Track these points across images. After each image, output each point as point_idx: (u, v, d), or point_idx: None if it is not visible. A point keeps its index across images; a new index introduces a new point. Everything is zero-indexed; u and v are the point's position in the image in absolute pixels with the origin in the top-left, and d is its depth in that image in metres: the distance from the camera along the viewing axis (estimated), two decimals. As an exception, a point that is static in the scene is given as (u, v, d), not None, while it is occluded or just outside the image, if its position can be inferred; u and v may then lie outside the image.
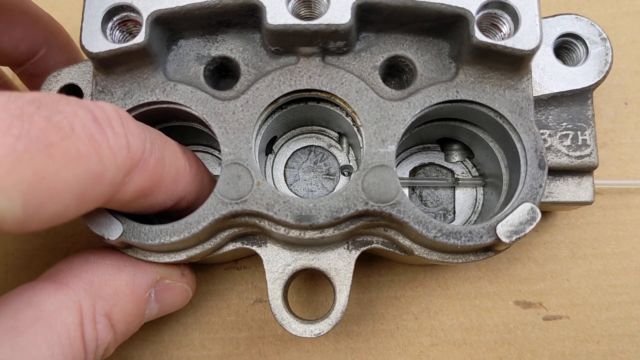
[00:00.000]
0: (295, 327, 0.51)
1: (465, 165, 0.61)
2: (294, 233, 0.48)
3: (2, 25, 0.52)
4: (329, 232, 0.48)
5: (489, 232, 0.47)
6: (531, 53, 0.46)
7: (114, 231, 0.47)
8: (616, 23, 0.68)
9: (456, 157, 0.59)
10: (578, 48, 0.55)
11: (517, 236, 0.46)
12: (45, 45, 0.56)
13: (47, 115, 0.35)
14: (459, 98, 0.49)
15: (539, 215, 0.46)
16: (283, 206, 0.47)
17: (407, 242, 0.50)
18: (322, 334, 0.50)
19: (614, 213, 0.65)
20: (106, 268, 0.48)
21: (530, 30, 0.45)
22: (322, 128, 0.59)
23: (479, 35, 0.45)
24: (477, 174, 0.60)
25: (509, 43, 0.45)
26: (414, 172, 0.61)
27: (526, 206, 0.47)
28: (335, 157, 0.59)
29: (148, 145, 0.42)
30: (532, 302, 0.63)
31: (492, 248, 0.49)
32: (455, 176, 0.60)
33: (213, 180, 0.54)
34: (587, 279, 0.63)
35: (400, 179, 0.59)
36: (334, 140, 0.59)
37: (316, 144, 0.59)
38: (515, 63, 0.47)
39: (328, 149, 0.59)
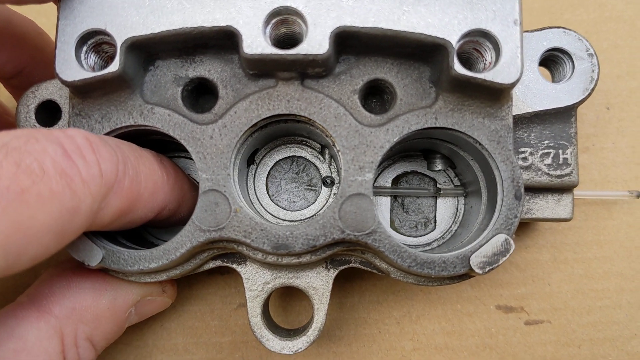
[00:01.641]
0: (274, 345, 0.52)
1: (448, 174, 0.60)
2: (271, 259, 0.49)
3: None
4: (305, 258, 0.49)
5: (462, 263, 0.47)
6: (511, 86, 0.45)
7: (94, 257, 0.48)
8: (598, 28, 0.67)
9: (439, 165, 0.59)
10: (564, 62, 0.54)
11: (491, 267, 0.47)
12: (32, 62, 0.54)
13: (16, 160, 0.35)
14: (437, 125, 0.48)
15: (513, 247, 0.47)
16: (260, 234, 0.48)
17: (383, 265, 0.51)
18: (299, 351, 0.52)
19: (595, 217, 0.65)
20: (87, 292, 0.49)
21: (510, 63, 0.45)
22: (304, 138, 0.58)
23: (458, 68, 0.45)
24: (459, 183, 0.60)
25: (488, 76, 0.45)
26: (396, 180, 0.61)
27: (500, 237, 0.47)
28: (317, 167, 0.59)
29: (121, 167, 0.42)
30: (513, 306, 0.64)
31: (467, 274, 0.50)
32: (437, 186, 0.60)
33: (194, 185, 0.54)
34: (568, 283, 0.64)
35: (383, 187, 0.60)
36: (316, 151, 0.59)
37: (298, 155, 0.59)
38: (495, 94, 0.47)
39: (310, 159, 0.59)
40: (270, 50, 0.45)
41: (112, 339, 0.52)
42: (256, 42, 0.45)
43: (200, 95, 0.54)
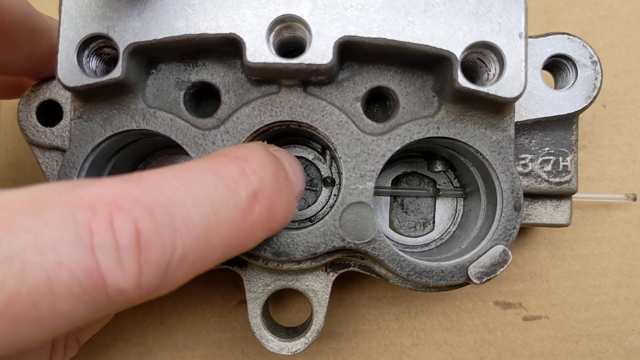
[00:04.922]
0: (273, 345, 0.53)
1: (448, 176, 0.61)
2: (272, 265, 0.49)
3: (6, 46, 0.48)
4: (306, 264, 0.49)
5: (460, 272, 0.48)
6: (514, 100, 0.45)
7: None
8: (594, 27, 0.67)
9: (439, 167, 0.59)
10: (568, 69, 0.54)
11: (488, 278, 0.47)
12: (49, 57, 0.53)
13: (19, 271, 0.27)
14: (439, 135, 0.48)
15: (510, 258, 0.47)
16: (261, 242, 0.48)
17: (382, 271, 0.51)
18: (298, 352, 0.53)
19: (592, 214, 0.66)
20: None
21: (514, 77, 0.45)
22: (305, 139, 0.58)
23: (462, 81, 0.45)
24: (458, 185, 0.60)
25: (492, 90, 0.45)
26: (396, 180, 0.61)
27: (498, 248, 0.48)
28: (318, 168, 0.59)
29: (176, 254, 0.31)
30: (511, 302, 0.65)
31: (465, 283, 0.50)
32: (437, 186, 0.61)
33: None
34: (566, 279, 0.65)
35: (383, 187, 0.60)
36: (317, 152, 0.59)
37: (299, 155, 0.59)
38: (498, 106, 0.47)
39: (311, 160, 0.59)
40: (274, 59, 0.45)
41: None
42: (260, 51, 0.45)
43: (203, 97, 0.53)
